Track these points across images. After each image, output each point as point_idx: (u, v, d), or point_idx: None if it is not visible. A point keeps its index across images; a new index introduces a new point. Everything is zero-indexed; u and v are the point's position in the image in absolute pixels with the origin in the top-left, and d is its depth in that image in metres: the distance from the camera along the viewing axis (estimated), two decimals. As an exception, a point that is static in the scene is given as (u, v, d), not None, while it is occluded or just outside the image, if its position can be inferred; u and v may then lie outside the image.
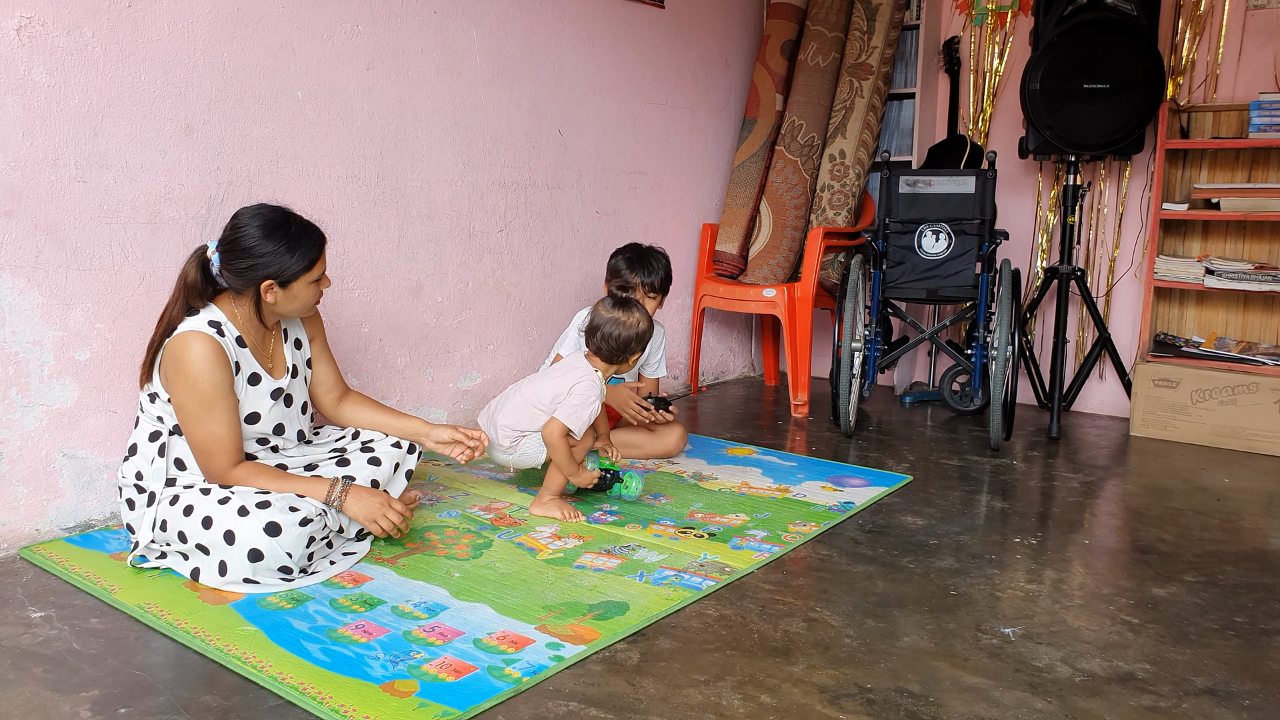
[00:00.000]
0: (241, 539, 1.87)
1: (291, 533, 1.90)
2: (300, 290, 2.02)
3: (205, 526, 1.90)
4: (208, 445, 1.95)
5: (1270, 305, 3.44)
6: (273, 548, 1.88)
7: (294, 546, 1.90)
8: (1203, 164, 3.52)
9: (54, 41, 2.08)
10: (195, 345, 1.92)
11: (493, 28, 3.04)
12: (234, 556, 1.88)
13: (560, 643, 1.70)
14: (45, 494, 2.16)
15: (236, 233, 1.96)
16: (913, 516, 2.47)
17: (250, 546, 1.87)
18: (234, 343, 1.99)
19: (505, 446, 2.46)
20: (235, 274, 1.96)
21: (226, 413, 1.95)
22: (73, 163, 2.13)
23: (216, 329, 1.96)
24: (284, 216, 2.00)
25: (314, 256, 2.01)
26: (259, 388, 2.05)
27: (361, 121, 2.70)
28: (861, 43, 3.82)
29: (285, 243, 1.96)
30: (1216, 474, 2.95)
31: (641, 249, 2.93)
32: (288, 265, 1.97)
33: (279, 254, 1.96)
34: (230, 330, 1.99)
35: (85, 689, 1.53)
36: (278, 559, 1.89)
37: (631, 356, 2.45)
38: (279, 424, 2.10)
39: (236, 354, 2.00)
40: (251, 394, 2.04)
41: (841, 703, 1.53)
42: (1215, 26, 3.48)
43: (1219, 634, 1.82)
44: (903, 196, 3.32)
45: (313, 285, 2.04)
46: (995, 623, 1.84)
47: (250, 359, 2.03)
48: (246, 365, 2.02)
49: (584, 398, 2.38)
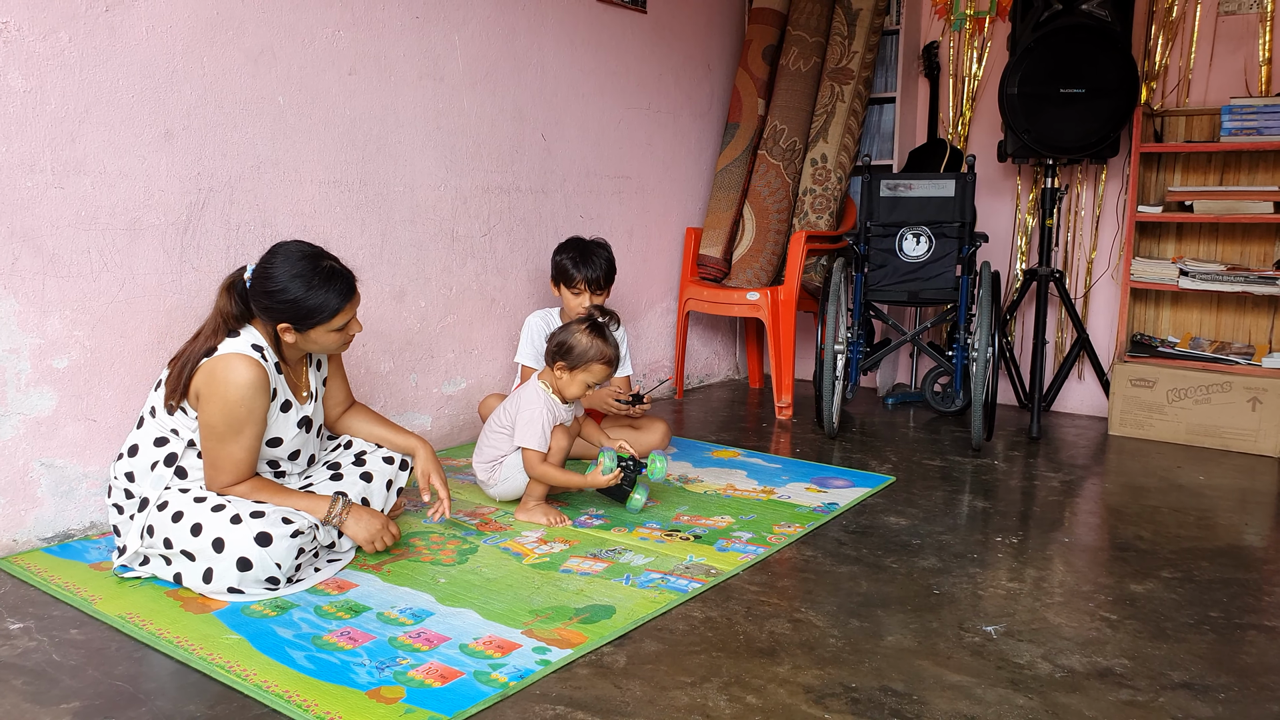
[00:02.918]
0: (231, 547, 1.86)
1: (283, 544, 1.89)
2: (320, 336, 1.99)
3: (194, 534, 1.89)
4: (223, 464, 1.93)
5: (1242, 305, 3.50)
6: (262, 558, 1.87)
7: (284, 558, 1.89)
8: (1176, 167, 3.57)
9: (30, 46, 2.06)
10: (241, 369, 1.90)
11: (475, 33, 3.04)
12: (221, 565, 1.86)
13: (547, 647, 1.71)
14: (23, 504, 2.14)
15: (267, 267, 1.94)
16: (896, 517, 2.49)
17: (240, 555, 1.86)
18: (273, 368, 1.99)
19: (486, 481, 2.52)
20: (259, 309, 1.96)
21: (253, 439, 1.95)
22: (49, 168, 2.11)
23: (260, 353, 1.95)
24: (313, 261, 1.95)
25: (335, 307, 1.96)
26: (289, 415, 2.05)
27: (343, 127, 2.70)
28: (842, 48, 3.85)
29: (306, 290, 1.92)
30: (1192, 472, 2.99)
31: (584, 245, 2.96)
32: (305, 313, 1.94)
33: (297, 301, 1.92)
34: (270, 355, 1.98)
35: (66, 700, 1.52)
36: (266, 569, 1.88)
37: (607, 376, 2.45)
38: (296, 450, 2.11)
39: (275, 380, 1.99)
40: (281, 420, 2.03)
41: (826, 702, 1.54)
42: (1187, 32, 3.53)
43: (1195, 629, 1.85)
44: (884, 200, 3.34)
45: (336, 333, 2.00)
46: (977, 621, 1.86)
47: (285, 386, 2.03)
48: (282, 392, 2.02)
49: (529, 412, 2.40)
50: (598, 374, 2.41)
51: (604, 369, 2.41)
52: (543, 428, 2.39)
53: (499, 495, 2.52)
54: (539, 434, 2.38)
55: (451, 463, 2.92)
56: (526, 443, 2.38)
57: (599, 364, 2.39)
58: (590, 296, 2.91)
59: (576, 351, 2.39)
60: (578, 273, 2.90)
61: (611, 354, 2.41)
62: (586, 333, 2.41)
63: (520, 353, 2.98)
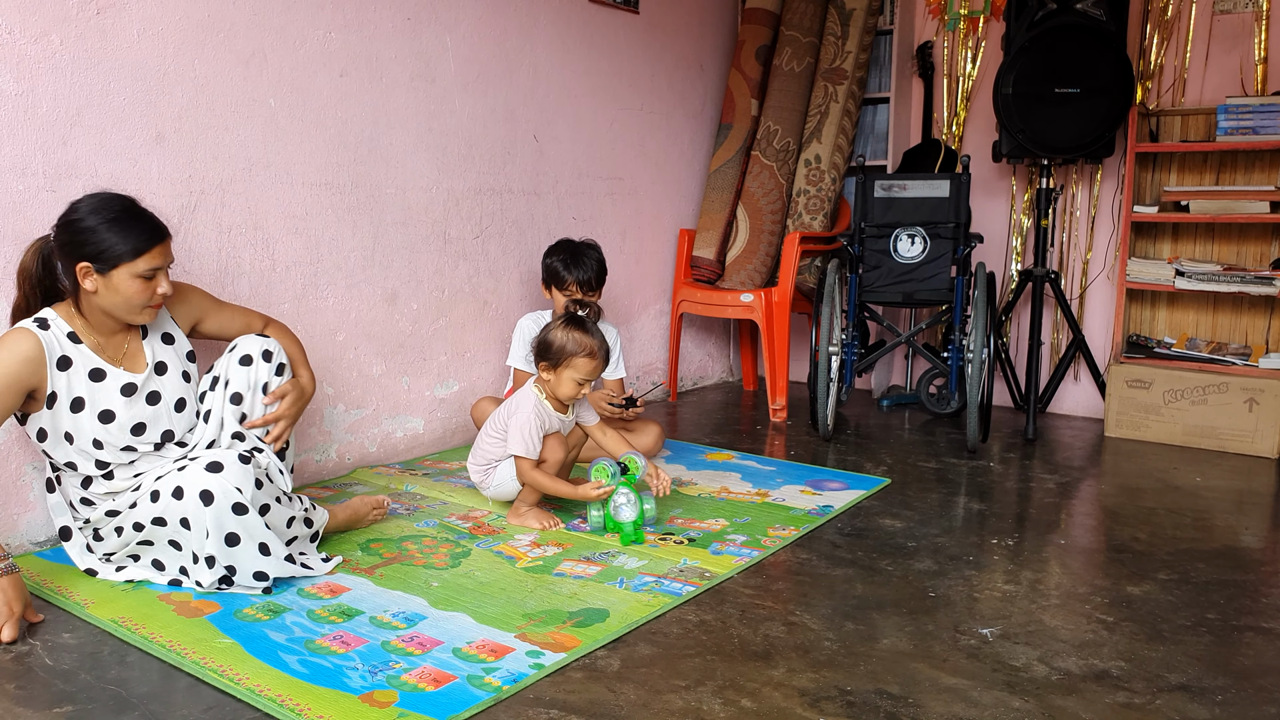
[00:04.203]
0: (189, 491, 1.84)
1: (234, 468, 1.87)
2: (123, 282, 1.85)
3: (153, 501, 1.88)
4: None
5: (1239, 306, 3.50)
6: (220, 483, 1.84)
7: (241, 481, 1.87)
8: (1172, 167, 3.57)
9: (21, 49, 2.05)
10: (6, 340, 1.84)
11: (466, 34, 3.04)
12: (194, 512, 1.84)
13: (540, 650, 1.70)
14: (15, 507, 2.13)
15: (71, 211, 1.85)
16: (891, 519, 2.48)
17: (200, 489, 1.84)
18: (63, 337, 1.89)
19: (480, 483, 2.51)
20: (61, 252, 1.85)
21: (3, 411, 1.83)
22: (41, 172, 2.10)
23: (40, 323, 1.88)
24: (124, 200, 1.88)
25: (142, 245, 1.85)
26: (104, 383, 1.93)
27: (335, 129, 2.69)
28: (836, 48, 3.85)
29: (111, 222, 1.83)
30: (1189, 473, 2.99)
31: (574, 246, 2.96)
32: (107, 245, 1.82)
33: (99, 231, 1.82)
34: (59, 326, 1.90)
35: (58, 705, 1.51)
36: (229, 496, 1.85)
37: (595, 370, 2.40)
38: (139, 423, 1.98)
39: (66, 348, 1.89)
40: (97, 391, 1.92)
41: (821, 705, 1.53)
42: (1182, 31, 3.54)
43: (1191, 631, 1.84)
44: (878, 201, 3.34)
45: (140, 280, 1.86)
46: (973, 623, 1.85)
47: (88, 354, 1.92)
48: (83, 361, 1.91)
49: (519, 418, 2.37)
50: (583, 369, 2.33)
51: (588, 362, 2.33)
52: (531, 435, 2.36)
53: (492, 497, 2.52)
54: (527, 441, 2.35)
55: (445, 465, 2.92)
56: (515, 450, 2.36)
57: (581, 357, 2.32)
58: (582, 297, 2.90)
59: (555, 348, 2.34)
60: (569, 274, 2.89)
61: (592, 345, 2.34)
62: (562, 327, 2.36)
63: (512, 356, 2.98)
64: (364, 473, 2.79)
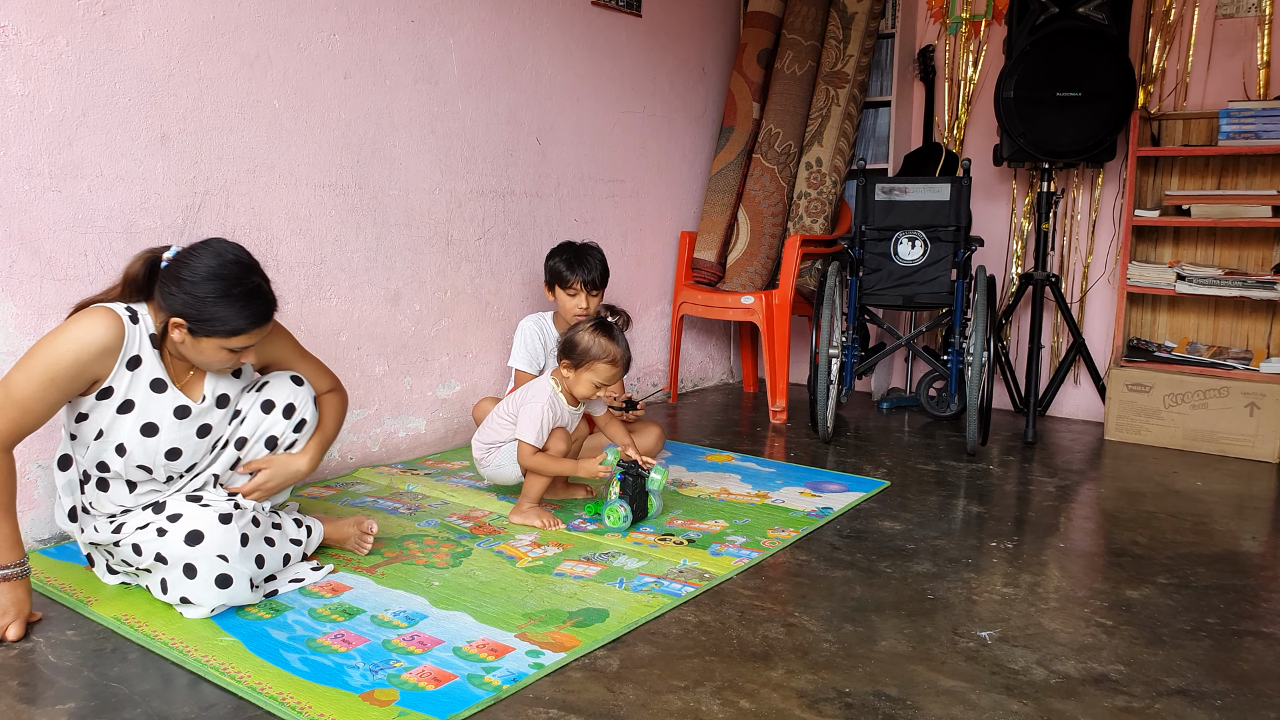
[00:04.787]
0: (172, 561, 1.79)
1: (215, 537, 1.79)
2: (209, 349, 1.78)
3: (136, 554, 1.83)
4: (6, 412, 1.68)
5: (1240, 310, 3.50)
6: (200, 555, 1.78)
7: (225, 548, 1.79)
8: (1173, 171, 3.58)
9: (27, 50, 2.06)
10: (91, 318, 1.73)
11: (470, 36, 3.05)
12: (176, 580, 1.80)
13: (540, 650, 1.71)
14: (20, 505, 2.13)
15: (189, 256, 1.77)
16: (890, 521, 2.49)
17: (183, 563, 1.79)
18: (145, 338, 1.80)
19: (480, 459, 2.56)
20: (162, 293, 1.77)
21: (54, 403, 1.72)
22: (47, 172, 2.11)
23: (131, 315, 1.79)
24: (241, 272, 1.77)
25: (238, 327, 1.77)
26: (163, 396, 1.83)
27: (339, 130, 2.70)
28: (837, 51, 3.86)
29: (219, 297, 1.74)
30: (1189, 477, 2.99)
31: (576, 247, 2.98)
32: (206, 318, 1.74)
33: (204, 302, 1.73)
34: (146, 324, 1.81)
35: (61, 701, 1.52)
36: (213, 568, 1.78)
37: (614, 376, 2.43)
38: (175, 448, 1.87)
39: (141, 349, 1.80)
40: (152, 402, 1.82)
41: (820, 707, 1.54)
42: (1185, 35, 3.54)
43: (1191, 635, 1.85)
44: (879, 204, 3.35)
45: (226, 351, 1.80)
46: (972, 626, 1.86)
47: (157, 363, 1.82)
48: (150, 368, 1.82)
49: (532, 407, 2.41)
50: (603, 374, 2.40)
51: (609, 368, 2.39)
52: (542, 424, 2.39)
53: (488, 477, 2.57)
54: (537, 429, 2.39)
55: (446, 465, 2.92)
56: (524, 435, 2.39)
57: (603, 363, 2.39)
58: (586, 297, 2.92)
59: (580, 349, 2.40)
60: (572, 274, 2.91)
61: (616, 353, 2.40)
62: (591, 331, 2.42)
63: (514, 357, 2.99)
64: (366, 472, 2.80)
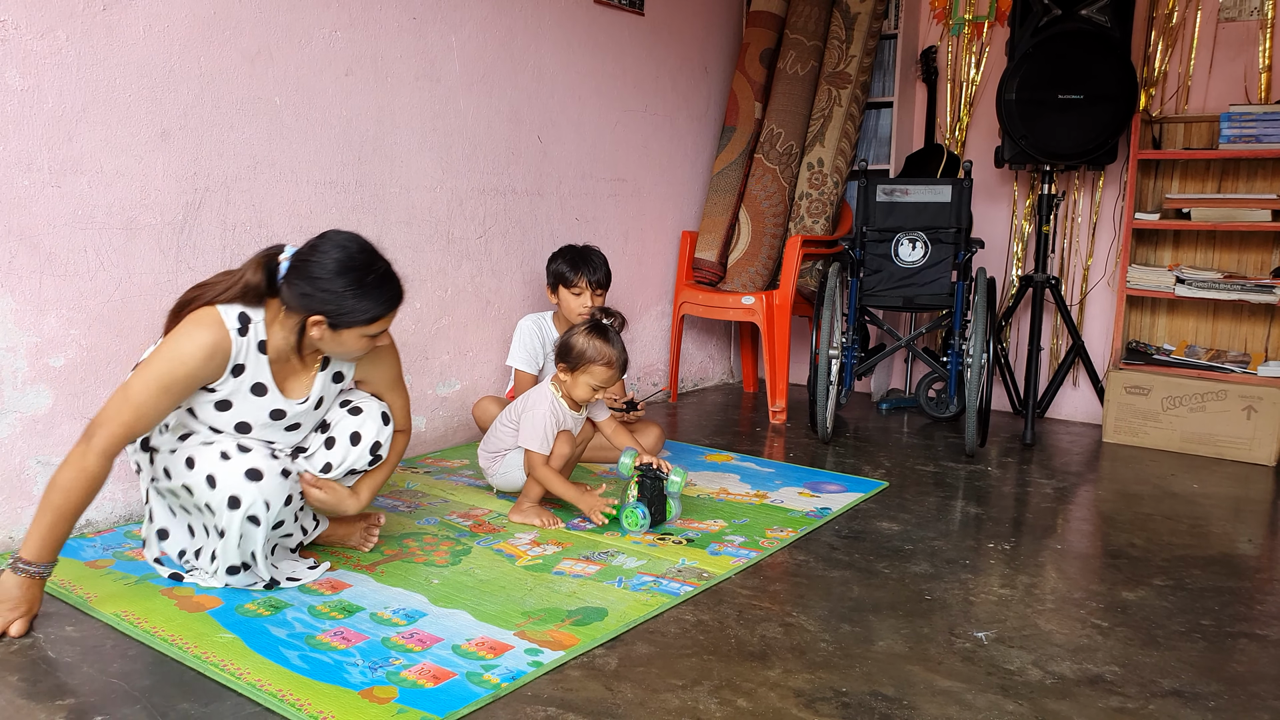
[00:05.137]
0: (221, 486, 1.83)
1: (272, 481, 1.85)
2: (349, 339, 1.87)
3: (188, 466, 1.86)
4: (121, 414, 1.73)
5: (1238, 314, 3.51)
6: (254, 492, 1.83)
7: (272, 495, 1.85)
8: (1174, 174, 3.58)
9: (27, 45, 2.06)
10: (206, 333, 1.78)
11: (472, 34, 3.05)
12: (220, 508, 1.84)
13: (539, 648, 1.71)
14: (19, 501, 2.14)
15: (313, 254, 1.82)
16: (888, 522, 2.49)
17: (230, 493, 1.83)
18: (254, 346, 1.86)
19: (487, 469, 2.57)
20: (293, 293, 1.82)
21: (165, 409, 1.78)
22: (46, 167, 2.11)
23: (242, 324, 1.83)
24: (367, 260, 1.84)
25: (378, 314, 1.85)
26: (261, 400, 1.91)
27: (340, 127, 2.70)
28: (840, 51, 3.86)
29: (355, 288, 1.81)
30: (1186, 480, 3.00)
31: (578, 249, 3.00)
32: (346, 310, 1.82)
33: (342, 296, 1.80)
34: (257, 332, 1.86)
35: (60, 697, 1.52)
36: (254, 507, 1.84)
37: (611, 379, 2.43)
38: (267, 440, 1.98)
39: (249, 357, 1.86)
40: (249, 404, 1.90)
41: (817, 706, 1.55)
42: (1187, 38, 3.54)
43: (1185, 636, 1.85)
44: (880, 205, 3.35)
45: (366, 338, 1.89)
46: (968, 627, 1.86)
47: (264, 369, 1.89)
48: (255, 372, 1.88)
49: (534, 413, 2.41)
50: (599, 376, 2.39)
51: (604, 370, 2.38)
52: (545, 430, 2.40)
53: (497, 485, 2.58)
54: (541, 436, 2.39)
55: (446, 463, 2.93)
56: (528, 444, 2.40)
57: (598, 366, 2.38)
58: (591, 296, 2.93)
59: (574, 352, 2.39)
60: (577, 273, 2.92)
61: (611, 355, 2.39)
62: (585, 333, 2.41)
63: (512, 356, 2.99)
64: (365, 470, 2.80)
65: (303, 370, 1.98)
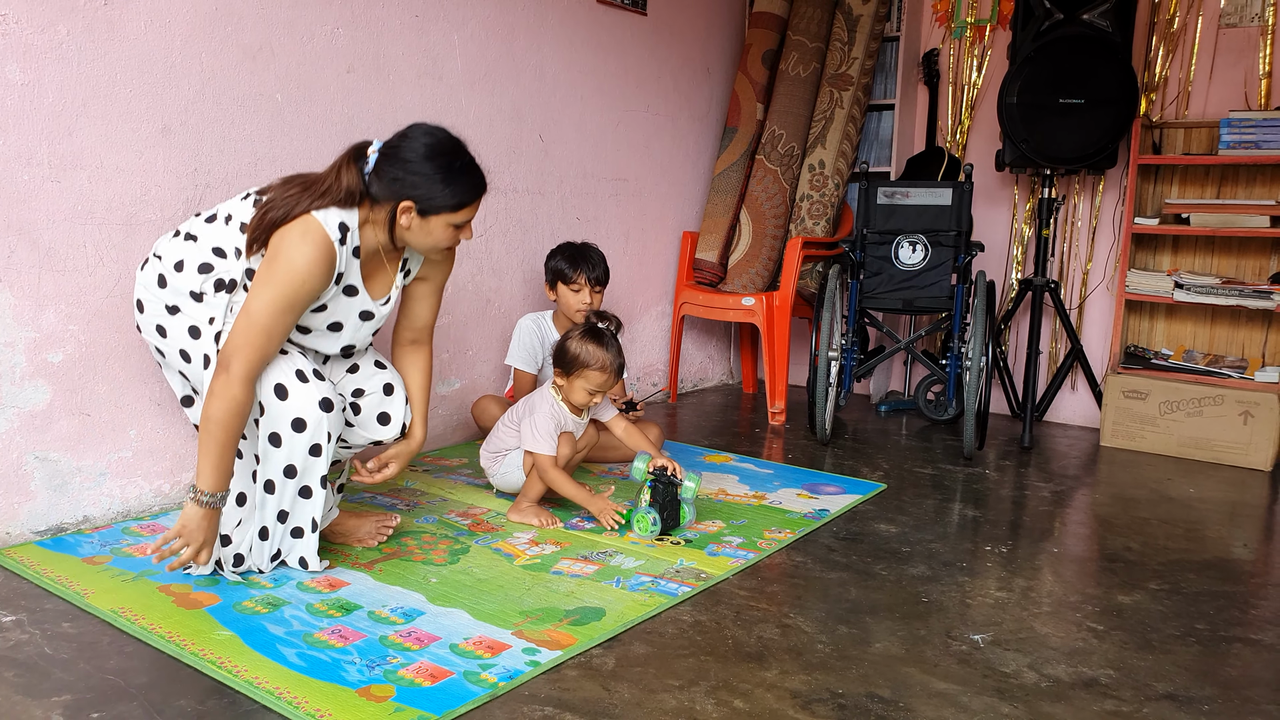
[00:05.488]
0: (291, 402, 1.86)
1: (336, 416, 1.91)
2: (437, 228, 1.90)
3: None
4: (252, 339, 1.78)
5: (1236, 319, 3.51)
6: (320, 421, 1.87)
7: (334, 427, 1.91)
8: (1174, 179, 3.59)
9: (28, 39, 2.06)
10: (317, 248, 1.80)
11: (474, 33, 3.05)
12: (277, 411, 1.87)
13: (536, 648, 1.71)
14: (16, 496, 2.14)
15: (402, 140, 1.87)
16: (886, 524, 2.50)
17: (294, 416, 1.86)
18: (350, 253, 1.89)
19: (489, 469, 2.57)
20: (383, 182, 1.86)
21: (291, 325, 1.85)
22: (46, 162, 2.11)
23: (342, 233, 1.85)
24: (455, 146, 1.91)
25: (465, 199, 1.90)
26: (353, 300, 1.95)
27: (341, 125, 2.70)
28: (842, 53, 3.86)
29: (444, 172, 1.86)
30: (1182, 484, 3.00)
31: (576, 246, 3.02)
32: (435, 195, 1.86)
33: (432, 180, 1.85)
34: (353, 239, 1.88)
35: (57, 693, 1.52)
36: (315, 435, 1.88)
37: (606, 383, 2.43)
38: (350, 345, 2.03)
39: (347, 264, 1.90)
40: (343, 305, 1.94)
41: (813, 708, 1.55)
42: (1188, 44, 3.55)
43: (1180, 640, 1.86)
44: (880, 207, 3.35)
45: (452, 229, 1.93)
46: (965, 629, 1.87)
47: (355, 271, 1.93)
48: (349, 276, 1.92)
49: (537, 417, 2.41)
50: (594, 380, 2.39)
51: (599, 375, 2.38)
52: (549, 433, 2.40)
53: (497, 485, 2.58)
54: (545, 439, 2.39)
55: (445, 462, 2.93)
56: (534, 448, 2.39)
57: (593, 370, 2.38)
58: (590, 292, 2.93)
59: (569, 357, 2.40)
60: (576, 269, 2.93)
61: (606, 359, 2.39)
62: (580, 338, 2.41)
63: (511, 355, 2.99)
64: (363, 467, 2.80)
65: (384, 271, 2.02)
